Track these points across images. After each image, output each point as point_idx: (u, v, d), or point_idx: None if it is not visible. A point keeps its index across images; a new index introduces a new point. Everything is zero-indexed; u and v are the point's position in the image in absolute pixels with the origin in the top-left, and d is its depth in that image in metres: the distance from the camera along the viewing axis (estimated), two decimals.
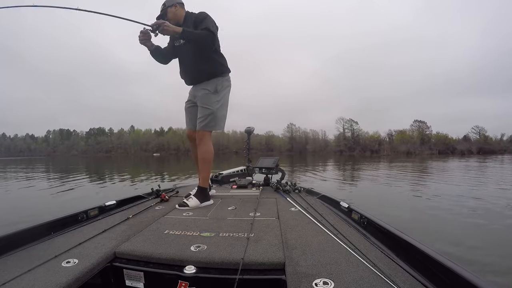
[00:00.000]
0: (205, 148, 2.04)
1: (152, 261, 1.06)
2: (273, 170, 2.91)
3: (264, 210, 1.75)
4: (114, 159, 35.84)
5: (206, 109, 2.02)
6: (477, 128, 59.31)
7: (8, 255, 1.09)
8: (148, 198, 2.21)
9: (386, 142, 58.59)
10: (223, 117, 2.11)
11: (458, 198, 4.59)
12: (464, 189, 5.58)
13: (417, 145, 53.26)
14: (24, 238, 1.21)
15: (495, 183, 6.68)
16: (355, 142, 58.42)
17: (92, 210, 1.65)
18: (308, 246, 1.12)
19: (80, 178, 8.73)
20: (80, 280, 0.92)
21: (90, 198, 5.05)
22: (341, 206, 1.74)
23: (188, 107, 2.22)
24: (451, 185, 6.36)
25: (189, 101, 2.21)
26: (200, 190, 2.02)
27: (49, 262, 1.01)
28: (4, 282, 0.88)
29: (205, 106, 2.03)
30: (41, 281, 0.87)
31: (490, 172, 9.89)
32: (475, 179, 7.64)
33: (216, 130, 2.08)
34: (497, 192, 5.24)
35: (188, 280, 0.96)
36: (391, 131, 60.81)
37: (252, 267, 0.99)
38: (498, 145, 55.34)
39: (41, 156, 63.65)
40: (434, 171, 10.74)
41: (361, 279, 0.86)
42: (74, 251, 1.12)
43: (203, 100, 2.05)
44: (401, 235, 1.09)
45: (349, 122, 62.27)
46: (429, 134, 58.36)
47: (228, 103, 2.16)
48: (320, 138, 64.97)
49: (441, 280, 0.82)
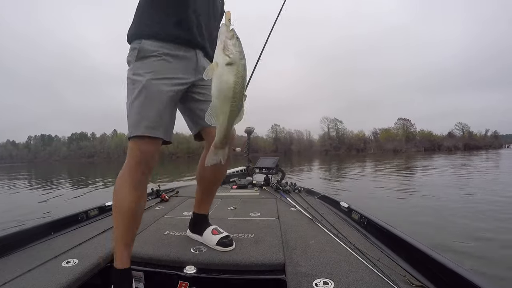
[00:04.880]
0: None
1: (152, 261, 1.06)
2: (273, 170, 2.91)
3: (264, 210, 1.75)
4: (97, 164, 34.44)
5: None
6: (460, 124, 59.78)
7: (8, 255, 1.09)
8: (148, 198, 2.21)
9: (372, 140, 58.58)
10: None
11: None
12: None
13: (403, 142, 53.34)
14: (24, 238, 1.21)
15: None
16: (340, 142, 58.22)
17: (92, 210, 1.65)
18: (308, 246, 1.12)
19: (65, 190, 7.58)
20: (80, 280, 0.92)
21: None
22: (341, 206, 1.74)
23: (176, 93, 1.02)
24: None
25: (181, 80, 1.04)
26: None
27: (49, 262, 1.01)
28: (4, 282, 0.88)
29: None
30: (41, 281, 0.87)
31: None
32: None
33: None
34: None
35: (188, 280, 0.96)
36: (376, 130, 61.02)
37: (252, 267, 0.99)
38: (483, 140, 55.78)
39: (23, 163, 62.29)
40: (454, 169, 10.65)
41: (361, 279, 0.86)
42: (74, 251, 1.12)
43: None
44: (401, 235, 1.10)
45: (333, 121, 62.05)
46: (413, 131, 58.57)
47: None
48: (305, 138, 64.50)
49: (441, 280, 0.82)
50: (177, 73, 1.00)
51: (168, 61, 0.99)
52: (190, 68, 1.04)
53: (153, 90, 0.95)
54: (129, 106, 0.97)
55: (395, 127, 59.80)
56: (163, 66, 0.98)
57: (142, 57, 0.97)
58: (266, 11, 9.63)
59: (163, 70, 0.98)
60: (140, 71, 0.96)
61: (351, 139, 59.09)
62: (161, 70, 0.97)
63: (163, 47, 0.98)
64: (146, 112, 0.94)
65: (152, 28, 0.99)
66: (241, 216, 1.63)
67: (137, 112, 0.94)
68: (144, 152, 0.94)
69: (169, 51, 0.99)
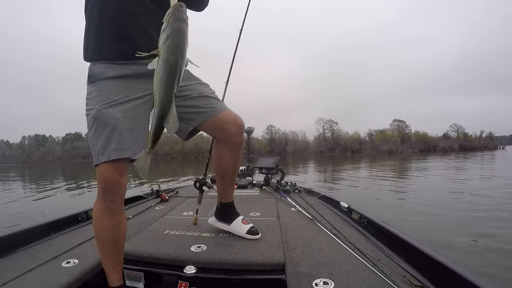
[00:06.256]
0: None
1: (152, 261, 1.06)
2: (273, 170, 2.91)
3: (264, 210, 1.75)
4: (92, 165, 34.77)
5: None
6: (455, 126, 60.10)
7: (8, 255, 1.10)
8: (148, 198, 2.21)
9: (367, 142, 58.68)
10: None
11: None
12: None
13: (398, 144, 53.51)
14: (24, 238, 1.21)
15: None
16: (336, 143, 58.33)
17: (92, 210, 1.65)
18: (308, 246, 1.12)
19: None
20: (80, 280, 0.92)
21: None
22: (341, 206, 1.74)
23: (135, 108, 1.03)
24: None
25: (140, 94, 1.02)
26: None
27: (49, 262, 1.02)
28: (5, 282, 0.88)
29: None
30: (41, 281, 0.88)
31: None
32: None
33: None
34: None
35: (188, 280, 0.96)
36: (371, 131, 61.20)
37: (252, 267, 0.99)
38: (478, 142, 56.11)
39: (16, 163, 61.88)
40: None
41: (361, 279, 0.86)
42: (74, 251, 1.12)
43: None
44: (401, 235, 1.09)
45: (328, 122, 62.17)
46: (408, 133, 58.87)
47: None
48: (300, 140, 64.69)
49: (441, 280, 0.82)
50: (129, 90, 0.93)
51: (118, 82, 0.92)
52: (148, 76, 0.87)
53: (102, 118, 0.88)
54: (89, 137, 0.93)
55: (390, 128, 60.11)
56: (110, 89, 0.91)
57: (91, 82, 0.93)
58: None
59: (113, 93, 0.91)
60: (90, 97, 0.92)
61: (346, 140, 59.20)
62: (111, 93, 0.90)
63: (110, 67, 0.92)
64: (99, 139, 0.89)
65: (97, 49, 0.93)
66: None
67: (92, 141, 0.90)
68: (106, 181, 0.88)
69: (118, 71, 0.92)
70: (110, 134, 0.88)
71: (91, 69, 0.94)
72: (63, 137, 78.99)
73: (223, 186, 1.26)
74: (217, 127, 1.07)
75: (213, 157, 1.20)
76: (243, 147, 1.21)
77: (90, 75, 0.94)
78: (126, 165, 0.91)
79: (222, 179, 1.24)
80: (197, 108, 1.03)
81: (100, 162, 0.87)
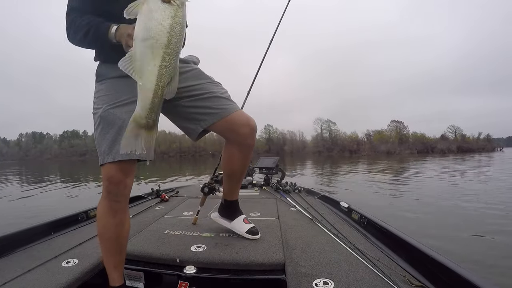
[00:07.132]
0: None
1: (152, 261, 1.06)
2: (273, 170, 2.91)
3: (264, 210, 1.75)
4: (89, 163, 33.03)
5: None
6: (453, 127, 60.12)
7: (8, 255, 1.09)
8: (148, 198, 2.21)
9: (365, 142, 58.66)
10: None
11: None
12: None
13: (396, 144, 53.60)
14: (24, 238, 1.21)
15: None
16: (333, 143, 58.39)
17: (92, 210, 1.65)
18: (308, 246, 1.12)
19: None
20: (80, 280, 0.92)
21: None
22: (341, 206, 1.74)
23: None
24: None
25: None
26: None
27: (49, 262, 1.02)
28: (5, 282, 0.88)
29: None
30: (41, 281, 0.87)
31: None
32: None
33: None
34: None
35: (188, 280, 0.96)
36: (369, 131, 61.24)
37: (252, 267, 0.99)
38: (476, 143, 56.17)
39: (13, 161, 61.38)
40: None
41: (361, 279, 0.86)
42: (74, 251, 1.12)
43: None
44: (401, 235, 1.10)
45: (326, 122, 62.13)
46: (406, 134, 58.97)
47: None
48: (298, 139, 64.75)
49: (441, 280, 0.82)
50: (128, 93, 0.90)
51: (127, 81, 0.87)
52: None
53: (109, 118, 0.89)
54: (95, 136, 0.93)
55: (388, 129, 60.10)
56: (117, 88, 0.92)
57: (99, 80, 0.96)
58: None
59: (121, 93, 0.91)
60: (98, 95, 0.93)
61: (344, 140, 59.20)
62: (118, 93, 0.91)
63: (113, 68, 0.89)
64: (105, 139, 0.89)
65: (103, 50, 0.94)
66: None
67: (98, 141, 0.91)
68: (111, 181, 0.88)
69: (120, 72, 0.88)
70: (116, 134, 0.88)
71: (99, 67, 0.96)
72: (60, 135, 78.56)
73: (229, 185, 1.27)
74: (228, 128, 1.06)
75: (222, 156, 1.20)
76: (252, 146, 1.17)
77: (98, 73, 0.95)
78: (132, 166, 0.91)
79: (230, 178, 1.25)
80: (208, 109, 1.02)
81: (105, 162, 0.87)
